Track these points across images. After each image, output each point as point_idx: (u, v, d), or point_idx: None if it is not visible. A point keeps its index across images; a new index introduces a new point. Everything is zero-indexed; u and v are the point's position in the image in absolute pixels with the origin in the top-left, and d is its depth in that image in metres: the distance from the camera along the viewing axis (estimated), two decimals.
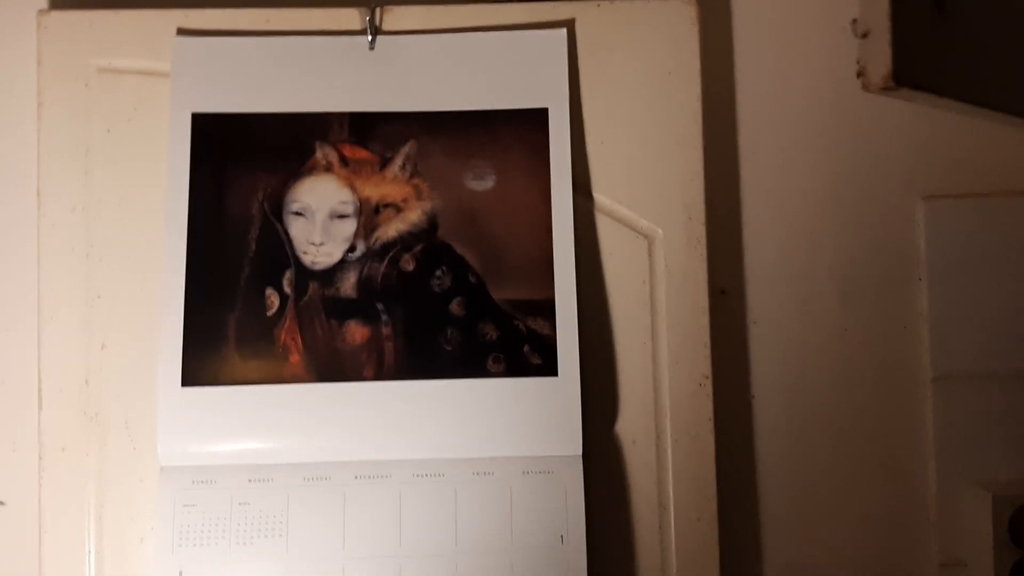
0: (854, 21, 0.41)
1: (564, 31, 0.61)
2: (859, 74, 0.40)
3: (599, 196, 0.61)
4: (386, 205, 0.60)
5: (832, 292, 0.65)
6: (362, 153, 0.60)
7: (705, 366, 0.60)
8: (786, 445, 0.64)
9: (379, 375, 0.57)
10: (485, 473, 0.57)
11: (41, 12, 0.61)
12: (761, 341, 0.65)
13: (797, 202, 0.65)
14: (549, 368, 0.57)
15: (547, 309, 0.58)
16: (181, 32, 0.61)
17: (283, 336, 0.58)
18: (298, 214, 0.59)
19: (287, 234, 0.59)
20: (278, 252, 0.59)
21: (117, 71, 0.61)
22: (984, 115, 0.45)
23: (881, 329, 0.65)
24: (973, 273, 0.64)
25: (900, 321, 0.65)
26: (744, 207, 0.66)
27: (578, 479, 0.57)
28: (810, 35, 0.66)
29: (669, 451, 0.59)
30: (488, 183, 0.60)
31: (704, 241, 0.61)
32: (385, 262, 0.59)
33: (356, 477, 0.56)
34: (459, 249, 0.59)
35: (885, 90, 0.39)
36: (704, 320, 0.60)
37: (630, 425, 0.59)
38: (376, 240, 0.59)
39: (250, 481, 0.56)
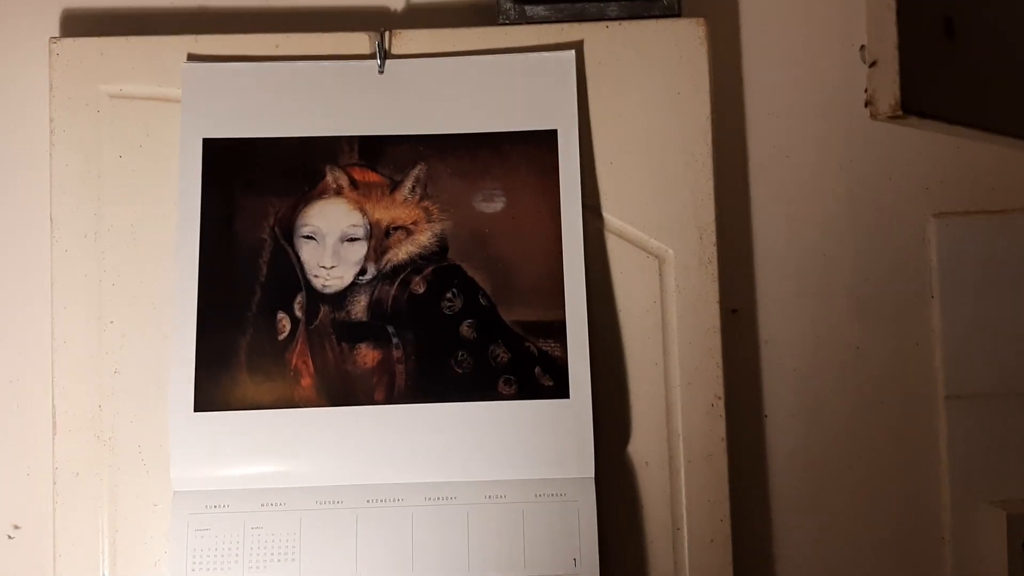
0: (862, 47, 0.41)
1: (572, 53, 0.61)
2: (867, 103, 0.40)
3: (609, 216, 0.61)
4: (396, 228, 0.60)
5: (844, 311, 0.65)
6: (372, 176, 0.60)
7: (717, 386, 0.60)
8: (799, 465, 0.64)
9: (390, 398, 0.57)
10: (497, 496, 0.56)
11: (52, 39, 0.61)
12: (773, 361, 0.65)
13: (808, 221, 0.65)
14: (560, 390, 0.57)
15: (558, 330, 0.58)
16: (191, 58, 0.61)
17: (294, 360, 0.58)
18: (309, 238, 0.59)
19: (298, 258, 0.59)
20: (289, 276, 0.59)
21: (128, 97, 0.61)
22: (994, 140, 0.45)
23: (894, 348, 0.65)
24: (985, 291, 0.64)
25: (913, 340, 0.65)
26: (755, 226, 0.65)
27: (591, 502, 0.56)
28: (820, 55, 0.66)
29: (682, 472, 0.59)
30: (498, 205, 0.60)
31: (715, 261, 0.60)
32: (396, 285, 0.59)
33: (368, 501, 0.56)
34: (469, 271, 0.59)
35: (893, 119, 0.39)
36: (716, 340, 0.60)
37: (643, 447, 0.59)
38: (387, 263, 0.59)
39: (263, 505, 0.56)
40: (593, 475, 0.57)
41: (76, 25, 0.65)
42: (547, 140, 0.60)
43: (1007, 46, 0.46)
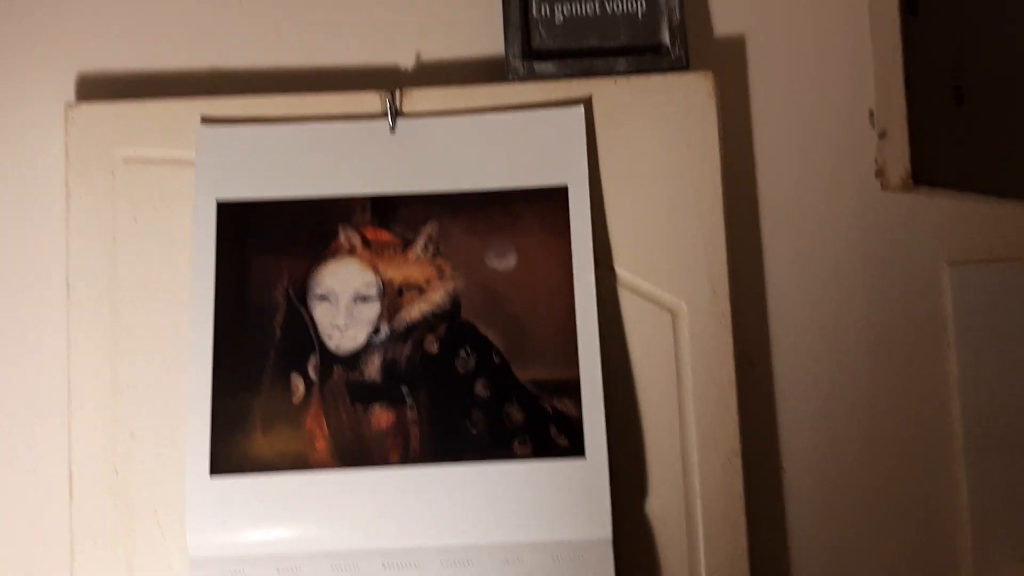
0: (871, 112, 0.41)
1: (581, 109, 0.62)
2: (878, 173, 0.40)
3: (621, 271, 0.61)
4: (409, 286, 0.60)
5: (860, 362, 0.64)
6: (384, 235, 0.61)
7: (734, 441, 0.59)
8: (819, 520, 0.63)
9: (405, 459, 0.57)
10: (514, 561, 0.56)
11: (68, 105, 0.62)
12: (790, 414, 0.64)
13: (821, 272, 0.65)
14: (576, 449, 0.57)
15: (572, 388, 0.58)
16: (205, 120, 0.62)
17: (309, 422, 0.58)
18: (322, 298, 0.60)
19: (312, 319, 0.59)
20: (303, 337, 0.59)
21: (143, 161, 0.62)
22: (1005, 204, 0.45)
23: (912, 399, 0.64)
24: (1003, 338, 0.63)
25: (931, 390, 0.64)
26: (768, 278, 0.65)
27: (608, 564, 0.56)
28: (830, 106, 0.65)
29: (700, 530, 0.58)
30: (510, 262, 0.60)
31: (729, 314, 0.60)
32: (409, 344, 0.59)
33: (384, 566, 0.56)
34: (482, 329, 0.59)
35: (904, 188, 0.39)
36: (732, 394, 0.60)
37: (660, 505, 0.59)
38: (400, 322, 0.59)
39: (279, 571, 0.56)
40: (610, 535, 0.56)
41: (91, 87, 0.66)
42: (558, 196, 0.61)
43: (1017, 110, 0.46)
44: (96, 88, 0.66)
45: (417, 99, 0.62)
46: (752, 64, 0.66)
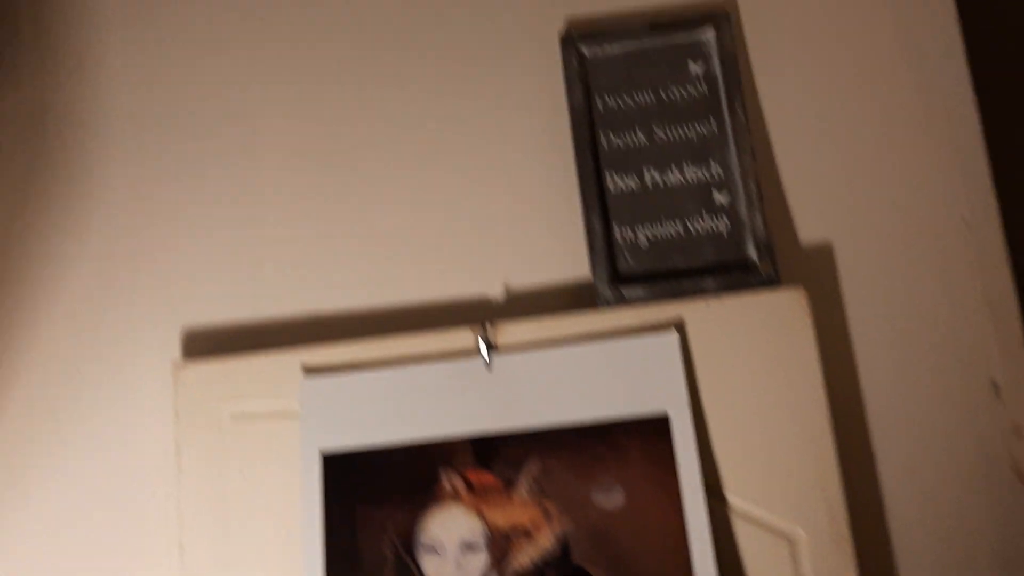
0: (995, 386, 0.40)
1: (675, 335, 0.61)
2: (1017, 473, 0.38)
3: (732, 498, 0.59)
4: (516, 532, 0.59)
5: None
6: (487, 478, 0.60)
7: None
8: None
9: None
10: None
11: (176, 364, 0.64)
12: None
13: (941, 483, 0.62)
14: None
15: None
16: (306, 371, 0.63)
17: None
18: (430, 549, 0.59)
19: (420, 572, 0.59)
20: None
21: (249, 415, 0.64)
22: None
23: None
24: None
25: None
26: (886, 497, 0.62)
27: None
28: (929, 318, 0.64)
29: None
30: (617, 499, 0.59)
31: (849, 539, 0.58)
32: None
33: None
34: (595, 573, 0.58)
35: None
36: None
37: None
38: (510, 571, 0.58)
39: None
40: None
41: (196, 342, 0.69)
42: (659, 425, 0.60)
43: None
44: (200, 343, 0.69)
45: (510, 332, 0.63)
46: (843, 273, 0.65)
